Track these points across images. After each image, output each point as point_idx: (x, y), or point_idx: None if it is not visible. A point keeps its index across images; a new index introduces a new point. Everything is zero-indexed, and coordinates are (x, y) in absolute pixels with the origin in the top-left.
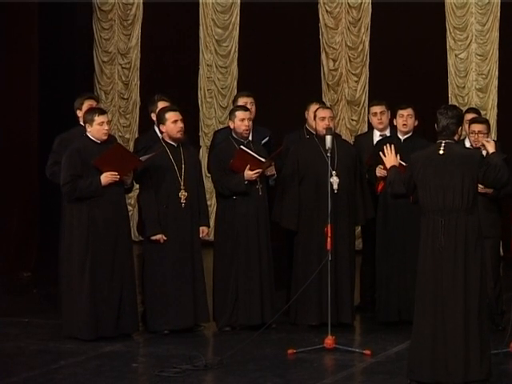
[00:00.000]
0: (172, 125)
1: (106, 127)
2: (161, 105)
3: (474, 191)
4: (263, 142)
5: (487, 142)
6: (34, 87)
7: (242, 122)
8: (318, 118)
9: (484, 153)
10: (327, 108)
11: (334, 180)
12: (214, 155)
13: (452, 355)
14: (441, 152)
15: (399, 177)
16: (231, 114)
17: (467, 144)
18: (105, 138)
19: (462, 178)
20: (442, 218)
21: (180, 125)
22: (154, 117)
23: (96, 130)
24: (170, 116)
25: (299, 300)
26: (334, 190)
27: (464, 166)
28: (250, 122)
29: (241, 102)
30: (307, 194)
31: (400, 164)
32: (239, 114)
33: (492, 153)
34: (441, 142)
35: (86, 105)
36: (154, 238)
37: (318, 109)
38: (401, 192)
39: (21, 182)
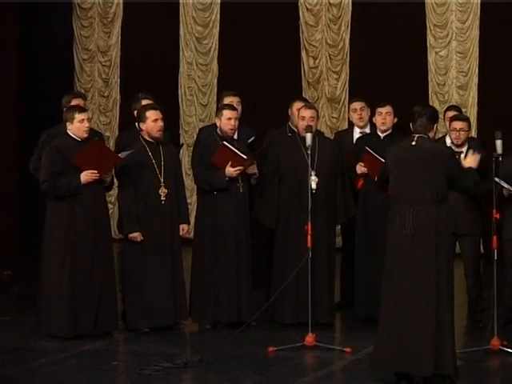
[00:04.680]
0: (152, 123)
1: (87, 124)
2: (144, 103)
3: (442, 185)
4: (249, 141)
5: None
6: (14, 85)
7: (228, 120)
8: (299, 117)
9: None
10: (310, 108)
11: (313, 179)
12: (198, 150)
13: (422, 346)
14: (413, 143)
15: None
16: (218, 112)
17: (448, 141)
18: (85, 135)
19: (431, 171)
20: (410, 208)
21: (160, 124)
22: (136, 114)
23: (76, 127)
24: (151, 114)
25: (276, 298)
26: (312, 189)
27: (434, 160)
28: (237, 122)
29: (227, 101)
30: (287, 192)
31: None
32: (226, 112)
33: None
34: (414, 136)
35: (74, 103)
36: (131, 235)
37: (301, 107)
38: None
39: (2, 180)
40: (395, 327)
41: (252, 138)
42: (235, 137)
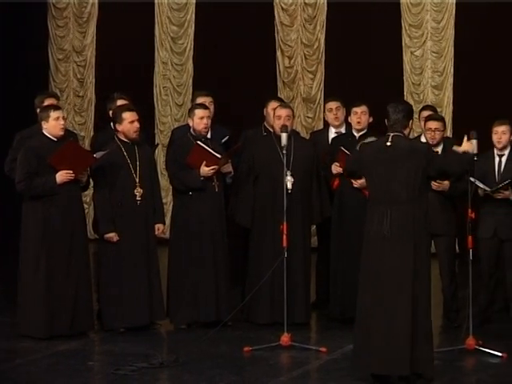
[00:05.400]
0: (129, 125)
1: (62, 122)
2: (120, 103)
3: (420, 184)
4: (223, 141)
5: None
6: None
7: (200, 120)
8: (275, 117)
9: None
10: (285, 107)
11: (289, 179)
12: (172, 151)
13: (399, 346)
14: (388, 144)
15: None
16: (190, 112)
17: (423, 141)
18: (61, 133)
19: (408, 170)
20: (387, 209)
21: (137, 125)
22: (112, 114)
23: (52, 125)
24: (127, 116)
25: (252, 298)
26: (287, 189)
27: (410, 158)
28: (209, 121)
29: (199, 101)
30: (262, 192)
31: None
32: (198, 112)
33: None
34: (389, 135)
35: (47, 103)
36: (106, 236)
37: (276, 107)
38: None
39: None
40: (372, 328)
41: (226, 138)
42: (209, 136)
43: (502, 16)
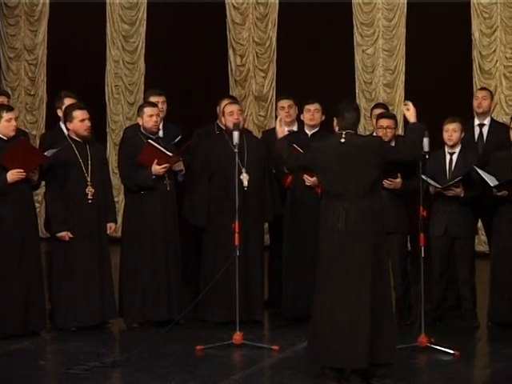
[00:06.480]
0: (79, 123)
1: (14, 123)
2: (67, 101)
3: (375, 179)
4: (175, 140)
5: (407, 109)
6: None
7: (150, 118)
8: (226, 114)
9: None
10: (235, 103)
11: (244, 177)
12: (123, 150)
13: (358, 340)
14: (342, 141)
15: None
16: (139, 111)
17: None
18: (12, 134)
19: (363, 166)
20: (343, 205)
21: (87, 123)
22: (60, 113)
23: (4, 126)
24: (78, 115)
25: (207, 297)
26: (244, 186)
27: (364, 153)
28: (159, 118)
29: (152, 100)
30: (216, 191)
31: (296, 150)
32: (147, 110)
33: (413, 123)
34: (341, 132)
35: None
36: (59, 235)
37: (226, 105)
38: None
39: None
40: (329, 323)
41: (178, 138)
42: (161, 135)
43: (453, 15)
